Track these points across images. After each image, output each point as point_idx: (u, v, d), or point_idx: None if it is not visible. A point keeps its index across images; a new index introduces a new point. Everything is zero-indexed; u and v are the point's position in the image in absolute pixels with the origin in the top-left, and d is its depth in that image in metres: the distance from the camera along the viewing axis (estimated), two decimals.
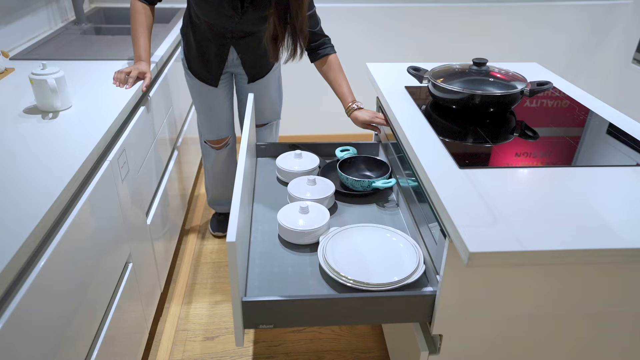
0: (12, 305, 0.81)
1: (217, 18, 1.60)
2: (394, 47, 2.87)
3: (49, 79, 1.25)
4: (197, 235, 2.23)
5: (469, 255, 0.83)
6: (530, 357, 1.14)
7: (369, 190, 1.46)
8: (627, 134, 1.28)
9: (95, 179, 1.17)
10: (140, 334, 1.48)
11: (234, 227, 0.97)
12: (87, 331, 1.10)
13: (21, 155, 1.10)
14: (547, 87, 1.36)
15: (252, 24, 1.61)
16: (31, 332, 0.86)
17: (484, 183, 1.03)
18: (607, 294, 1.02)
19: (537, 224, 0.90)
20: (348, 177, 1.46)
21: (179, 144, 2.11)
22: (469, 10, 2.78)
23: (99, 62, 1.72)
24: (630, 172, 1.09)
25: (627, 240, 0.86)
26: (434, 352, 1.14)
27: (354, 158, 1.59)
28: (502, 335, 1.10)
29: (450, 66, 1.48)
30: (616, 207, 0.96)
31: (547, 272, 1.00)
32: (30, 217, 0.89)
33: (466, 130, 1.30)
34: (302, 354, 1.65)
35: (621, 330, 1.09)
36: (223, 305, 1.85)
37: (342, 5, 2.71)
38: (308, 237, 1.28)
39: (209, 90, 1.83)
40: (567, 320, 1.07)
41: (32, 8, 2.05)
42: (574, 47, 2.96)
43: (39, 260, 0.91)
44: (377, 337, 1.71)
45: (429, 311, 1.11)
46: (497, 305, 1.05)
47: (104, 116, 1.31)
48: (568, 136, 1.27)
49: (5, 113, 1.31)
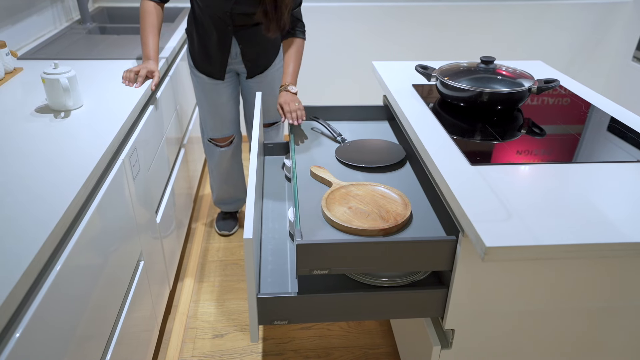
0: (32, 308, 0.81)
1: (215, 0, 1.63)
2: (396, 46, 2.89)
3: (62, 78, 1.26)
4: (204, 234, 2.24)
5: (485, 250, 0.85)
6: (540, 351, 1.15)
7: None
8: (634, 130, 1.30)
9: (108, 178, 1.18)
10: (150, 332, 1.49)
11: (250, 224, 0.98)
12: (103, 330, 1.11)
13: (34, 154, 1.11)
14: (554, 84, 1.38)
15: (247, 3, 1.63)
16: (51, 334, 0.87)
17: (495, 179, 1.05)
18: (616, 287, 1.04)
19: (550, 219, 0.91)
20: None
21: (185, 142, 2.12)
22: (470, 9, 2.80)
23: (106, 62, 1.73)
24: (638, 167, 1.11)
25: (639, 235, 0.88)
26: (446, 347, 1.15)
27: None
28: (512, 329, 1.11)
29: (457, 64, 1.49)
30: (626, 202, 0.98)
31: (557, 266, 1.02)
32: (46, 219, 0.89)
33: (475, 127, 1.31)
34: (311, 350, 1.66)
35: (630, 323, 1.11)
36: (231, 302, 1.86)
37: (345, 5, 2.72)
38: None
39: (214, 88, 1.84)
40: (577, 313, 1.08)
41: (38, 8, 2.05)
42: (575, 45, 2.98)
43: (57, 261, 0.91)
44: (385, 333, 1.73)
45: (441, 306, 1.12)
46: (508, 300, 1.07)
47: (115, 115, 1.32)
48: (575, 133, 1.29)
49: (16, 112, 1.32)
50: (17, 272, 0.77)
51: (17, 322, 0.78)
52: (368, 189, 1.26)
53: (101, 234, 1.10)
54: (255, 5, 1.62)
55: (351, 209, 1.19)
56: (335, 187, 1.28)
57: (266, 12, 1.62)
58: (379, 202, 1.21)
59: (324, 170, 1.36)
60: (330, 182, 1.31)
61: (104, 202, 1.13)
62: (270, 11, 1.61)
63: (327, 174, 1.34)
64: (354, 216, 1.16)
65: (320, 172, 1.35)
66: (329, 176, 1.33)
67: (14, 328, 0.77)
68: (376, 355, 1.65)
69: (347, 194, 1.25)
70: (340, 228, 1.14)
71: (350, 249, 1.02)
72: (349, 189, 1.27)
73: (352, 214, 1.17)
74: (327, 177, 1.33)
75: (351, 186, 1.28)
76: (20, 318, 0.79)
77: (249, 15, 1.66)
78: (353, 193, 1.25)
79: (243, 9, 1.64)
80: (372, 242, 1.03)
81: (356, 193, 1.25)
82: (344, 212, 1.17)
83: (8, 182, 1.00)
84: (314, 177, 1.37)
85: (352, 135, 1.62)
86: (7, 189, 0.98)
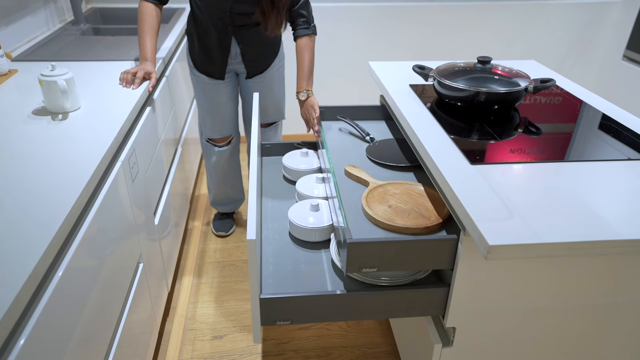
0: (35, 313, 0.80)
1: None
2: (391, 46, 2.90)
3: (59, 80, 1.25)
4: (200, 235, 2.24)
5: (488, 249, 0.85)
6: (541, 349, 1.17)
7: None
8: (628, 128, 1.32)
9: (108, 181, 1.17)
10: (149, 334, 1.48)
11: (253, 225, 0.98)
12: (104, 334, 1.10)
13: (33, 157, 1.10)
14: (550, 84, 1.39)
15: (246, 2, 1.64)
16: (54, 340, 0.86)
17: (495, 178, 1.06)
18: (617, 284, 1.06)
19: (550, 217, 0.93)
20: None
21: (181, 143, 2.11)
22: (465, 8, 2.82)
23: (102, 63, 1.72)
24: (636, 165, 1.13)
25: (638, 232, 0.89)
26: (447, 345, 1.16)
27: None
28: (513, 326, 1.13)
29: (455, 64, 1.50)
30: (624, 199, 0.99)
31: (557, 264, 1.03)
32: (49, 222, 0.89)
33: (472, 127, 1.32)
34: (310, 350, 1.67)
35: (631, 320, 1.12)
36: (230, 304, 1.86)
37: (339, 5, 2.73)
38: (319, 234, 1.29)
39: (214, 88, 1.84)
40: (578, 311, 1.10)
41: (31, 9, 2.03)
42: (566, 44, 3.01)
43: (59, 266, 0.90)
44: (384, 332, 1.74)
45: (442, 305, 1.13)
46: (509, 298, 1.08)
47: (113, 116, 1.31)
48: (570, 131, 1.31)
49: (14, 115, 1.31)
50: (22, 276, 0.77)
51: (21, 329, 0.77)
52: (405, 188, 1.28)
53: (102, 236, 1.10)
54: (254, 4, 1.62)
55: (391, 207, 1.20)
56: (372, 186, 1.28)
57: (264, 10, 1.62)
58: (417, 201, 1.23)
59: (358, 170, 1.36)
60: (367, 182, 1.32)
61: (104, 205, 1.12)
62: (267, 10, 1.61)
63: (363, 173, 1.35)
64: (396, 214, 1.17)
65: (355, 171, 1.36)
66: (364, 175, 1.34)
67: (18, 334, 0.76)
68: (376, 354, 1.66)
69: (385, 193, 1.26)
70: (383, 226, 1.15)
71: (400, 247, 1.03)
72: (386, 188, 1.28)
73: (393, 212, 1.18)
74: (363, 177, 1.33)
75: (388, 185, 1.29)
76: (24, 324, 0.78)
77: (248, 15, 1.66)
78: (390, 192, 1.26)
79: (242, 9, 1.64)
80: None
81: (393, 192, 1.26)
82: (385, 211, 1.19)
83: (9, 185, 0.99)
84: (349, 176, 1.37)
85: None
86: (8, 192, 0.97)
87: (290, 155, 1.63)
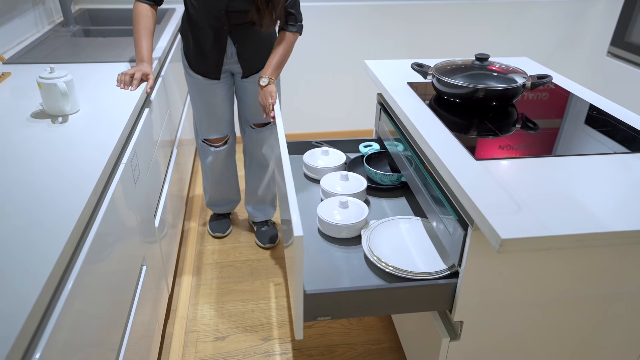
0: (49, 326, 0.78)
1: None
2: (385, 44, 2.91)
3: (59, 83, 1.24)
4: (197, 237, 2.22)
5: (500, 242, 0.87)
6: (549, 342, 1.19)
7: (397, 184, 1.51)
8: (623, 122, 1.35)
9: (113, 184, 1.16)
10: (151, 337, 1.47)
11: (298, 222, 1.00)
12: (113, 340, 1.09)
13: (36, 161, 1.08)
14: (546, 80, 1.42)
15: (241, 0, 1.63)
16: (67, 351, 0.84)
17: (500, 173, 1.08)
18: (622, 275, 1.08)
19: (558, 210, 0.95)
20: (377, 172, 1.51)
21: (177, 144, 2.09)
22: (457, 6, 2.85)
23: (97, 65, 1.70)
24: (634, 157, 1.16)
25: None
26: (455, 339, 1.18)
27: (378, 153, 1.64)
28: (520, 319, 1.15)
29: (452, 61, 1.52)
30: (629, 191, 1.02)
31: (565, 257, 1.05)
32: (58, 229, 0.86)
33: (473, 123, 1.34)
34: (314, 348, 1.67)
35: (636, 309, 1.15)
36: (230, 304, 1.85)
37: (333, 4, 2.73)
38: (349, 230, 1.32)
39: (209, 88, 1.83)
40: (586, 304, 1.12)
41: (20, 10, 2.00)
42: (553, 41, 3.06)
43: (70, 274, 0.88)
44: (386, 329, 1.75)
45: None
46: (516, 291, 1.10)
47: (113, 119, 1.30)
48: (567, 126, 1.33)
49: (12, 118, 1.28)
50: (36, 289, 0.74)
51: (35, 341, 0.75)
52: None
53: (109, 241, 1.09)
54: (250, 2, 1.62)
55: None
56: None
57: (259, 7, 1.63)
58: None
59: None
60: None
61: (110, 208, 1.11)
62: (262, 6, 1.61)
63: None
64: None
65: None
66: None
67: (33, 347, 0.74)
68: (379, 350, 1.67)
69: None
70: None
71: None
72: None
73: None
74: None
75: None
76: (38, 338, 0.76)
77: (244, 13, 1.66)
78: None
79: (238, 6, 1.64)
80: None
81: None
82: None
83: (13, 190, 0.97)
84: None
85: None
86: (13, 197, 0.95)
87: (311, 154, 1.67)
